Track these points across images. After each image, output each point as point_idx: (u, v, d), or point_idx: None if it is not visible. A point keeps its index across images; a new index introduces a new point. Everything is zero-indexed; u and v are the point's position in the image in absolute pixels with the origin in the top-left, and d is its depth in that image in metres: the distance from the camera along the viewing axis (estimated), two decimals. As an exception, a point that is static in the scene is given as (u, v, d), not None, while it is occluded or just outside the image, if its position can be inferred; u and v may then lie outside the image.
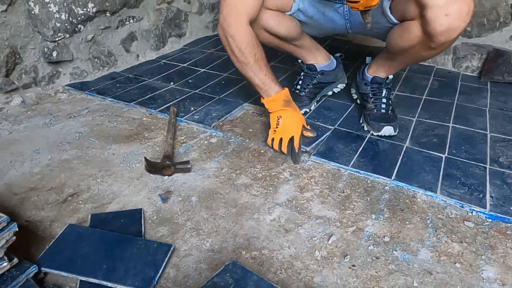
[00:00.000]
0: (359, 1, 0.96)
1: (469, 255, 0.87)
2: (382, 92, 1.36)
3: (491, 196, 1.04)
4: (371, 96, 1.39)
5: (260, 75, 1.20)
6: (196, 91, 1.62)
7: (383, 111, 1.34)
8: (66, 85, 1.65)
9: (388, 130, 1.28)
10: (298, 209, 1.00)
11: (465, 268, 0.84)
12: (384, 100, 1.35)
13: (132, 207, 0.99)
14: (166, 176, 1.11)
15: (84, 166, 1.15)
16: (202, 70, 1.85)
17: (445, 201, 1.03)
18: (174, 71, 1.84)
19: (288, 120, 1.19)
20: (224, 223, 0.95)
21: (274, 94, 1.20)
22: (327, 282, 0.80)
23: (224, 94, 1.59)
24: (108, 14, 1.75)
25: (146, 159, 1.12)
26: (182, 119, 1.40)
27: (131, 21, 1.88)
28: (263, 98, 1.22)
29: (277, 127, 1.19)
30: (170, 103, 1.51)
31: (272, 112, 1.22)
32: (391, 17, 1.17)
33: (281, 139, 1.18)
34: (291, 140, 1.18)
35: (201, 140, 1.29)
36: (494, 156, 1.22)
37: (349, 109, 1.49)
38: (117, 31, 1.83)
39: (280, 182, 1.10)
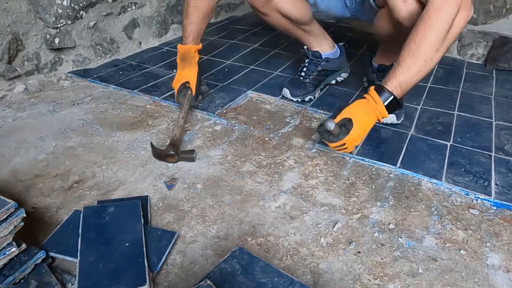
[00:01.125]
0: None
1: (474, 242, 0.88)
2: None
3: (496, 184, 1.04)
4: (376, 83, 1.38)
5: (190, 20, 1.26)
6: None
7: None
8: (69, 72, 1.64)
9: (390, 118, 1.27)
10: (303, 196, 1.00)
11: (469, 255, 0.84)
12: None
13: (138, 194, 0.99)
14: (171, 163, 1.11)
15: (89, 153, 1.15)
16: (205, 57, 1.83)
17: (450, 188, 1.03)
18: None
19: (176, 76, 1.31)
20: (230, 210, 0.95)
21: (180, 45, 1.29)
22: (332, 269, 0.81)
23: (227, 82, 1.58)
24: (110, 0, 1.73)
25: (152, 145, 1.12)
26: (186, 106, 1.39)
27: (133, 7, 1.86)
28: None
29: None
30: (173, 91, 1.49)
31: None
32: (373, 4, 1.19)
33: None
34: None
35: (205, 127, 1.29)
36: (499, 144, 1.21)
37: (354, 97, 1.48)
38: (119, 17, 1.81)
39: (285, 170, 1.10)
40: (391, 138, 1.23)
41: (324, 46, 1.48)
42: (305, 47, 1.50)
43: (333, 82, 1.56)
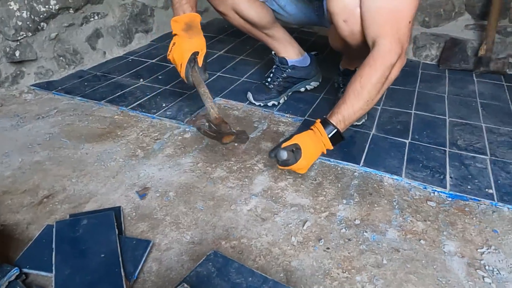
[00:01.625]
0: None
1: (432, 232, 0.95)
2: None
3: (450, 177, 1.12)
4: (341, 86, 1.46)
5: None
6: (167, 87, 1.63)
7: None
8: (31, 85, 1.61)
9: None
10: (274, 198, 1.04)
11: (428, 244, 0.91)
12: None
13: (110, 205, 1.00)
14: (224, 143, 1.12)
15: (57, 167, 1.14)
16: (171, 65, 1.84)
17: (410, 183, 1.10)
18: (143, 68, 1.82)
19: (177, 47, 1.12)
20: (203, 216, 0.98)
21: (180, 15, 1.12)
22: (304, 265, 0.85)
23: (195, 89, 1.59)
24: (71, 11, 1.71)
25: (209, 122, 1.07)
26: (154, 115, 1.40)
27: (96, 17, 1.85)
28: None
29: (168, 54, 1.16)
30: (141, 100, 1.51)
31: (173, 35, 1.15)
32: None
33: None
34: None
35: (175, 135, 1.31)
36: (452, 139, 1.31)
37: (318, 100, 1.54)
38: (81, 28, 1.79)
39: (255, 173, 1.13)
40: (354, 138, 1.30)
41: (290, 53, 1.52)
42: (273, 52, 1.54)
43: (302, 89, 1.60)
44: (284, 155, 0.98)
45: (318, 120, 1.07)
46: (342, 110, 1.04)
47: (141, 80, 1.69)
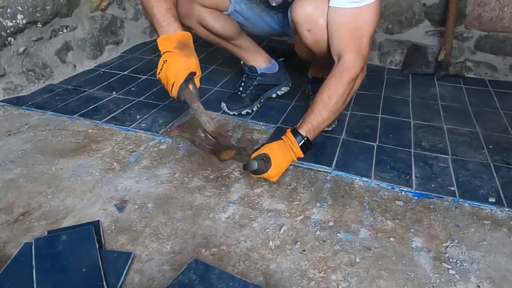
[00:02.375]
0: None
1: (401, 229, 1.01)
2: None
3: (416, 177, 1.19)
4: (311, 93, 1.52)
5: (162, 6, 1.06)
6: (140, 99, 1.64)
7: None
8: (0, 101, 1.58)
9: None
10: (250, 205, 1.08)
11: (398, 241, 0.97)
12: None
13: (88, 220, 1.00)
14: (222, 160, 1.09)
15: (32, 184, 1.13)
16: (144, 77, 1.86)
17: (379, 184, 1.16)
18: (115, 80, 1.82)
19: (172, 65, 1.05)
20: (182, 225, 1.00)
21: (171, 33, 1.07)
22: (282, 268, 0.89)
23: (169, 100, 1.62)
24: (39, 25, 1.69)
25: (205, 133, 1.02)
26: (129, 128, 1.41)
27: (65, 30, 1.84)
28: (159, 37, 1.08)
29: (159, 72, 1.08)
30: (115, 113, 1.51)
31: (163, 54, 1.08)
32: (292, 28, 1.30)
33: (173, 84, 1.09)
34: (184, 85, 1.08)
35: (150, 147, 1.32)
36: (417, 141, 1.38)
37: (290, 107, 1.59)
38: (50, 41, 1.77)
39: (232, 182, 1.17)
40: (325, 144, 1.35)
41: (259, 61, 1.57)
42: (242, 62, 1.58)
43: (274, 95, 1.65)
44: (254, 165, 1.02)
45: (289, 130, 1.11)
46: (311, 119, 1.09)
47: (114, 92, 1.69)
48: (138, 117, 1.49)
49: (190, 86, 1.09)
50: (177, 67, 1.05)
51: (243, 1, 1.41)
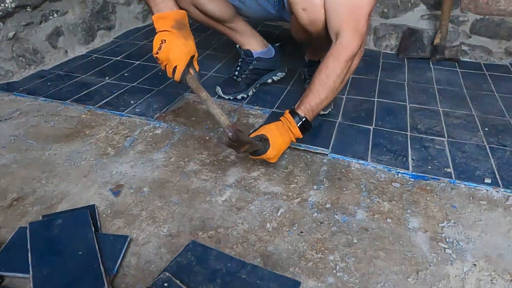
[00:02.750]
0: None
1: (397, 211, 1.01)
2: None
3: (412, 159, 1.19)
4: (307, 77, 1.51)
5: None
6: (134, 84, 1.61)
7: None
8: (-10, 87, 1.55)
9: None
10: (247, 188, 1.07)
11: (395, 222, 0.97)
12: None
13: (84, 204, 0.99)
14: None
15: (25, 170, 1.12)
16: (137, 62, 1.83)
17: (375, 167, 1.16)
18: (108, 65, 1.79)
19: (172, 47, 1.02)
20: (179, 209, 0.99)
21: (167, 11, 1.03)
22: (279, 249, 0.89)
23: (163, 86, 1.60)
24: (29, 9, 1.65)
25: (237, 132, 0.94)
26: (123, 113, 1.39)
27: (55, 15, 1.80)
28: (154, 14, 1.04)
29: (158, 52, 1.04)
30: (108, 98, 1.49)
31: (158, 32, 1.04)
32: (288, 9, 1.28)
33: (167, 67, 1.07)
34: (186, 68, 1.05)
35: (145, 132, 1.31)
36: (413, 124, 1.38)
37: (285, 92, 1.58)
38: (41, 26, 1.73)
39: (228, 165, 1.16)
40: (322, 127, 1.35)
41: (254, 45, 1.55)
42: (237, 46, 1.56)
43: (269, 81, 1.63)
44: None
45: (287, 111, 1.10)
46: (309, 100, 1.08)
47: (107, 78, 1.67)
48: (132, 102, 1.47)
49: (191, 70, 1.07)
50: (178, 50, 1.03)
51: None
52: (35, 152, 1.19)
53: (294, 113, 1.08)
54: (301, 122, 1.07)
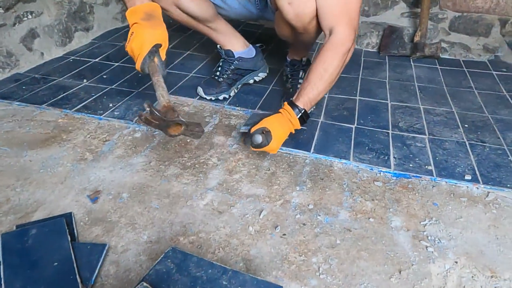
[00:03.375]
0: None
1: (380, 210, 1.01)
2: (299, 73, 1.47)
3: (394, 157, 1.19)
4: (289, 76, 1.50)
5: None
6: (113, 87, 1.58)
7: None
8: (-38, 92, 1.49)
9: None
10: (229, 191, 1.06)
11: (377, 222, 0.97)
12: (300, 81, 1.46)
13: (60, 212, 0.96)
14: (173, 135, 1.04)
15: (-1, 177, 1.08)
16: (116, 64, 1.79)
17: (358, 166, 1.16)
18: (86, 67, 1.75)
19: (137, 37, 1.04)
20: (159, 214, 0.97)
21: (138, 4, 1.05)
22: (262, 253, 0.87)
23: (142, 87, 1.57)
24: (1, 10, 1.60)
25: (151, 107, 0.96)
26: (101, 116, 1.36)
27: (30, 16, 1.74)
28: (127, 9, 1.06)
29: (126, 46, 1.07)
30: (86, 101, 1.45)
31: (131, 26, 1.06)
32: (271, 7, 1.31)
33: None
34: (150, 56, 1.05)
35: (124, 136, 1.28)
36: (394, 122, 1.39)
37: (267, 92, 1.57)
38: (14, 28, 1.68)
39: (209, 168, 1.14)
40: (304, 127, 1.34)
41: (235, 45, 1.53)
42: (218, 46, 1.54)
43: (251, 81, 1.62)
44: (259, 138, 1.04)
45: (286, 103, 1.13)
46: (307, 92, 1.11)
47: (85, 80, 1.63)
48: (110, 105, 1.44)
49: (156, 59, 1.06)
50: (142, 39, 1.03)
51: None
52: (9, 159, 1.15)
53: (293, 105, 1.11)
54: (300, 113, 1.11)
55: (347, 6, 1.11)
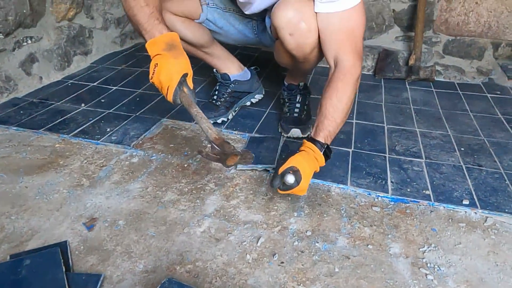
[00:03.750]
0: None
1: (378, 236, 1.00)
2: (296, 97, 1.48)
3: (391, 182, 1.19)
4: (286, 100, 1.51)
5: (145, 11, 1.03)
6: (111, 111, 1.59)
7: (295, 114, 1.45)
8: (-40, 117, 1.50)
9: (295, 132, 1.40)
10: (226, 217, 1.05)
11: (376, 249, 0.96)
12: (298, 105, 1.47)
13: (55, 240, 0.95)
14: (228, 167, 1.04)
15: (-6, 204, 1.07)
16: (114, 88, 1.80)
17: (355, 191, 1.16)
18: (84, 91, 1.76)
19: (162, 69, 1.02)
20: (156, 242, 0.96)
21: (157, 36, 1.03)
22: (260, 282, 0.86)
23: (140, 112, 1.58)
24: (1, 36, 1.62)
25: (210, 141, 0.98)
26: (99, 141, 1.36)
27: (29, 41, 1.77)
28: (146, 42, 1.05)
29: (152, 77, 1.04)
30: (84, 126, 1.45)
31: (152, 58, 1.04)
32: (270, 34, 1.32)
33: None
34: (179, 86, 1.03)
35: (121, 161, 1.27)
36: (391, 145, 1.39)
37: (264, 115, 1.58)
38: (14, 53, 1.70)
39: (207, 194, 1.13)
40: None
41: (231, 68, 1.56)
42: (214, 70, 1.56)
43: (248, 103, 1.63)
44: (291, 179, 0.97)
45: (305, 140, 1.09)
46: (326, 125, 1.08)
47: (83, 104, 1.64)
48: (108, 129, 1.44)
49: (185, 89, 1.05)
50: (169, 70, 1.02)
51: (216, 10, 1.39)
52: (4, 186, 1.14)
53: (314, 141, 1.07)
54: (323, 149, 1.07)
55: (352, 33, 1.10)
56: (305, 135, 1.40)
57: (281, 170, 1.01)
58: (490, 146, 1.39)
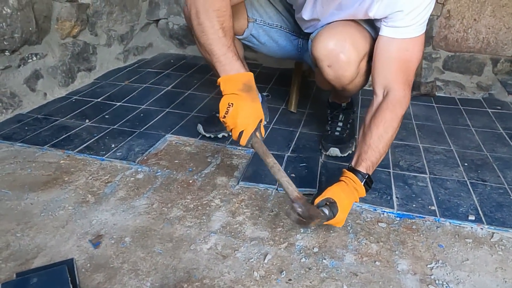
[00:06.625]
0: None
1: (386, 252, 1.00)
2: (339, 116, 1.49)
3: (397, 197, 1.20)
4: (329, 119, 1.52)
5: (223, 43, 0.99)
6: (115, 127, 1.59)
7: (336, 133, 1.46)
8: (-36, 133, 1.50)
9: (334, 151, 1.39)
10: (233, 233, 1.05)
11: (383, 265, 0.96)
12: (340, 124, 1.48)
13: (61, 258, 0.94)
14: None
15: (-1, 222, 1.07)
16: (118, 103, 1.82)
17: (361, 206, 1.16)
18: (88, 107, 1.77)
19: (240, 111, 0.97)
20: (162, 259, 0.96)
21: (234, 73, 0.99)
22: (268, 300, 0.86)
23: (144, 127, 1.58)
24: (7, 53, 1.64)
25: (302, 207, 0.90)
26: (104, 157, 1.36)
27: (34, 58, 1.78)
28: (220, 76, 1.00)
29: (225, 116, 0.99)
30: (88, 142, 1.46)
31: (225, 95, 0.99)
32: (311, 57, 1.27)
33: (241, 133, 1.01)
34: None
35: (126, 177, 1.28)
36: (395, 160, 1.40)
37: (268, 130, 1.58)
38: (19, 70, 1.71)
39: (212, 210, 1.13)
40: (306, 166, 1.34)
41: None
42: None
43: None
44: (328, 212, 0.96)
45: (345, 170, 1.07)
46: (369, 156, 1.05)
47: (87, 120, 1.64)
48: (113, 145, 1.44)
49: (258, 135, 1.03)
50: (247, 114, 0.98)
51: (262, 27, 1.39)
52: (10, 202, 1.14)
53: (355, 171, 1.04)
54: (364, 180, 1.04)
55: (406, 65, 1.07)
56: (344, 154, 1.39)
57: (316, 201, 0.99)
58: (493, 161, 1.40)
